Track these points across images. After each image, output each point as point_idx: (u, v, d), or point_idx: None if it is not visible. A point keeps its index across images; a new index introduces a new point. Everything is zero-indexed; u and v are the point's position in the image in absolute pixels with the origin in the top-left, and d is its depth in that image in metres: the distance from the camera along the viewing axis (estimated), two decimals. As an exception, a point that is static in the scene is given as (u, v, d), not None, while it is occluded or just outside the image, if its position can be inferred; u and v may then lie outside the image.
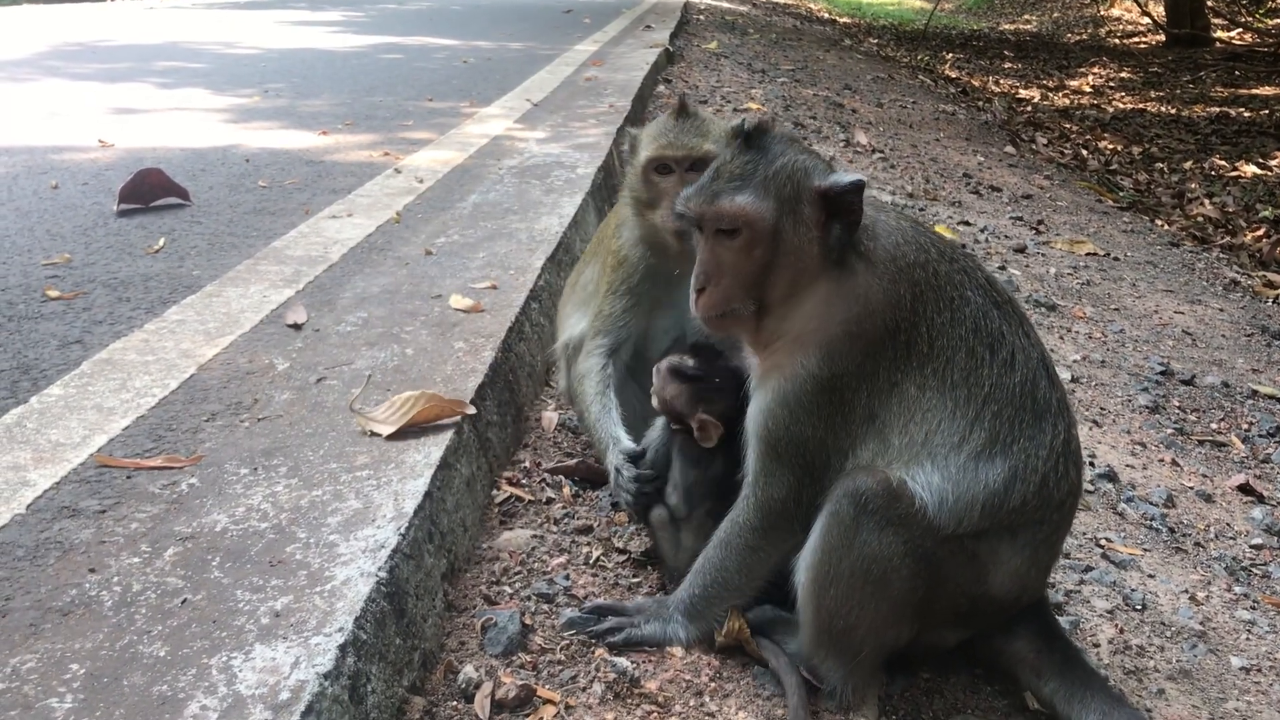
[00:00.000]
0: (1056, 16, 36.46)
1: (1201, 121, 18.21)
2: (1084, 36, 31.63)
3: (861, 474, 2.44)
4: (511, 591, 2.83)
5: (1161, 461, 4.81)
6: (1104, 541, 3.90)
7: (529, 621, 2.69)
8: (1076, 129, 16.86)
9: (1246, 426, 5.48)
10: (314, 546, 2.48)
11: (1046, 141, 14.95)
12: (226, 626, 2.19)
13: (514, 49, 13.54)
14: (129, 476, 2.79)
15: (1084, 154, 14.63)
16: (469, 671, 2.45)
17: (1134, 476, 4.56)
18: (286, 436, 3.03)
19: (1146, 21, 30.58)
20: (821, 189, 2.47)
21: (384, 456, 2.93)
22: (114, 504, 2.65)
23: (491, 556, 2.99)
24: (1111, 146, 15.64)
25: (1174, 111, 19.26)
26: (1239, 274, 9.03)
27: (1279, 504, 4.67)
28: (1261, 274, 9.15)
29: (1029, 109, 18.39)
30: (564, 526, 3.21)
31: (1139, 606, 3.48)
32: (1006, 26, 35.53)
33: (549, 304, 4.48)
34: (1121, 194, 12.10)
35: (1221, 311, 7.51)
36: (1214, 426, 5.41)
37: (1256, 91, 21.08)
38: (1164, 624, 3.44)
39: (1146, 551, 3.93)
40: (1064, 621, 3.02)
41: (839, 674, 2.56)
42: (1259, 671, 3.31)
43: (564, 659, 2.58)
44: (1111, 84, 22.48)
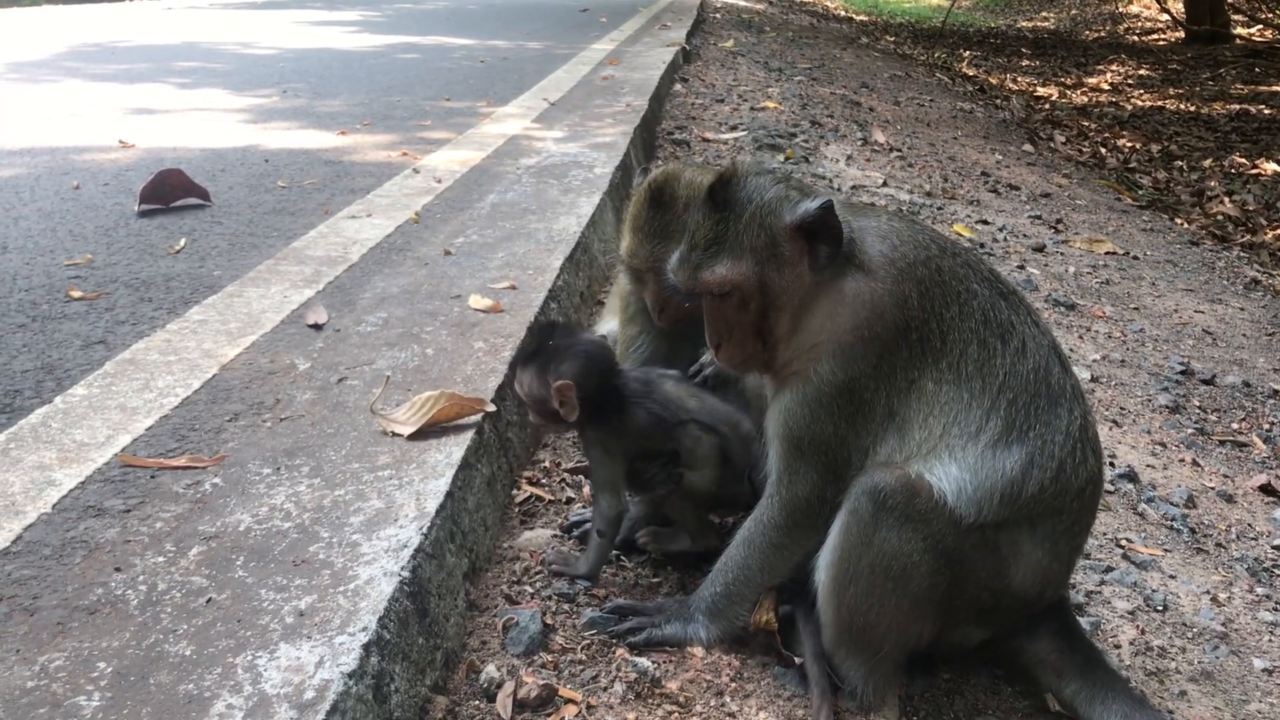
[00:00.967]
0: (1074, 13, 36.31)
1: (1221, 119, 18.11)
2: (1102, 33, 31.49)
3: (879, 471, 2.44)
4: (532, 591, 2.84)
5: (1182, 462, 4.79)
6: (1124, 542, 3.89)
7: (550, 621, 2.70)
8: (1095, 127, 16.79)
9: (1268, 426, 5.45)
10: (337, 546, 2.49)
11: (1065, 139, 14.89)
12: (251, 626, 2.21)
13: (530, 48, 13.57)
14: (153, 476, 2.81)
15: (1102, 152, 14.56)
16: (491, 671, 2.46)
17: (1154, 477, 4.54)
18: (309, 436, 3.05)
19: (1165, 18, 30.41)
20: (793, 224, 2.49)
21: (405, 456, 2.94)
22: (138, 503, 2.67)
23: (512, 556, 3.00)
24: (1130, 144, 15.56)
25: (1193, 109, 19.15)
26: (1260, 273, 8.97)
27: (1301, 504, 4.64)
28: (1283, 272, 9.10)
29: (1047, 107, 18.31)
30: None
31: (1160, 607, 3.47)
32: (1024, 24, 35.41)
33: (568, 304, 4.49)
34: (1141, 192, 12.04)
35: (1242, 311, 7.47)
36: (1235, 426, 5.39)
37: (1277, 89, 20.95)
38: (1185, 625, 3.43)
39: (1167, 552, 3.92)
40: (1085, 622, 3.02)
41: (859, 673, 2.56)
42: (1282, 673, 3.30)
43: (585, 659, 2.59)
44: (1130, 81, 22.37)
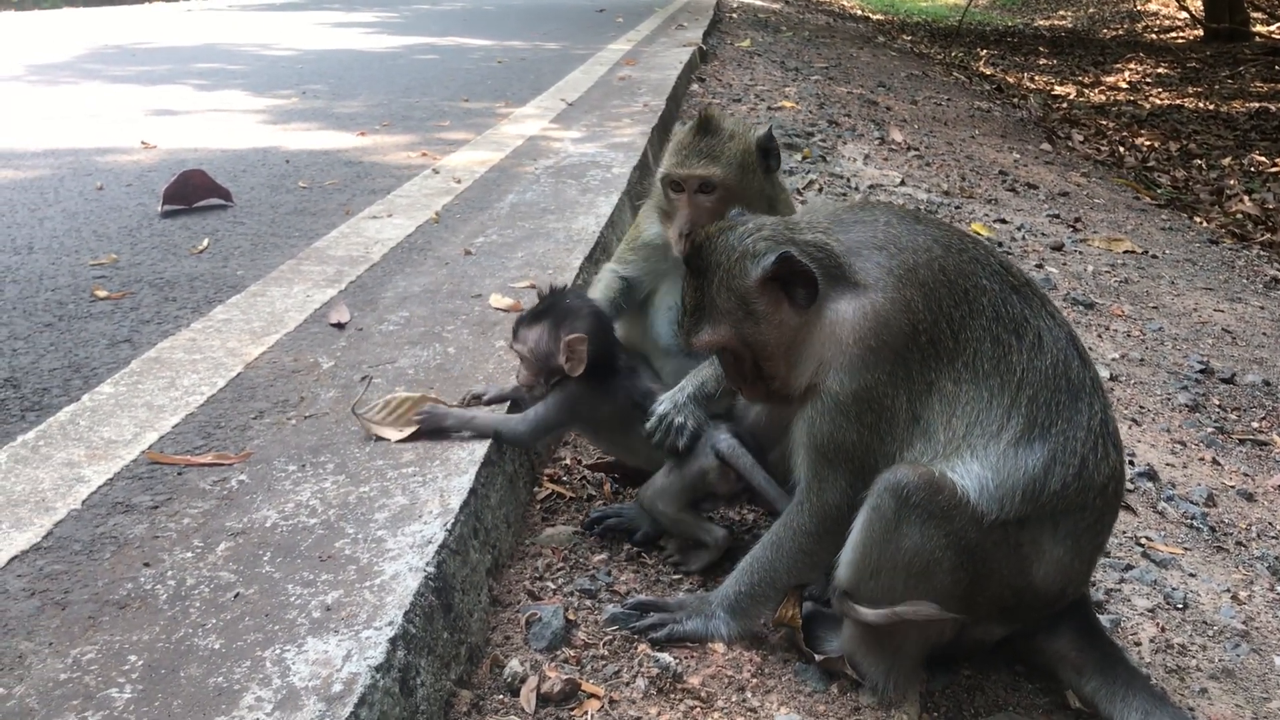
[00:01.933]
0: (1092, 12, 36.16)
1: (1241, 117, 18.02)
2: (1120, 32, 31.35)
3: (902, 468, 2.45)
4: (555, 587, 2.87)
5: (1202, 460, 4.78)
6: (1144, 540, 3.88)
7: (572, 616, 2.72)
8: (1113, 125, 16.73)
9: (1288, 425, 5.43)
10: (362, 542, 2.52)
11: (1083, 138, 14.84)
12: (279, 620, 2.23)
13: (547, 49, 13.60)
14: (180, 473, 2.85)
15: (1121, 151, 14.52)
16: (514, 665, 2.48)
17: (1174, 475, 4.53)
18: (333, 434, 3.08)
19: (1184, 16, 30.25)
20: (757, 281, 2.55)
21: (429, 453, 2.97)
22: (166, 500, 2.71)
23: (535, 552, 3.02)
24: (1149, 143, 15.50)
25: (1212, 107, 19.06)
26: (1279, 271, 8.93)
27: (1322, 503, 4.63)
28: (1303, 271, 9.05)
29: (1065, 105, 18.26)
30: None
31: (1180, 605, 3.47)
32: (1041, 22, 35.27)
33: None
34: (1159, 191, 12.00)
35: (1262, 309, 7.44)
36: (1255, 425, 5.37)
37: (1297, 86, 20.83)
38: (1206, 623, 3.42)
39: (1187, 550, 3.91)
40: (1105, 620, 3.02)
41: (880, 669, 2.58)
42: (1303, 671, 3.29)
43: (607, 654, 2.61)
44: (1148, 80, 22.27)
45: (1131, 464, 4.43)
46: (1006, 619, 2.62)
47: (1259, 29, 27.36)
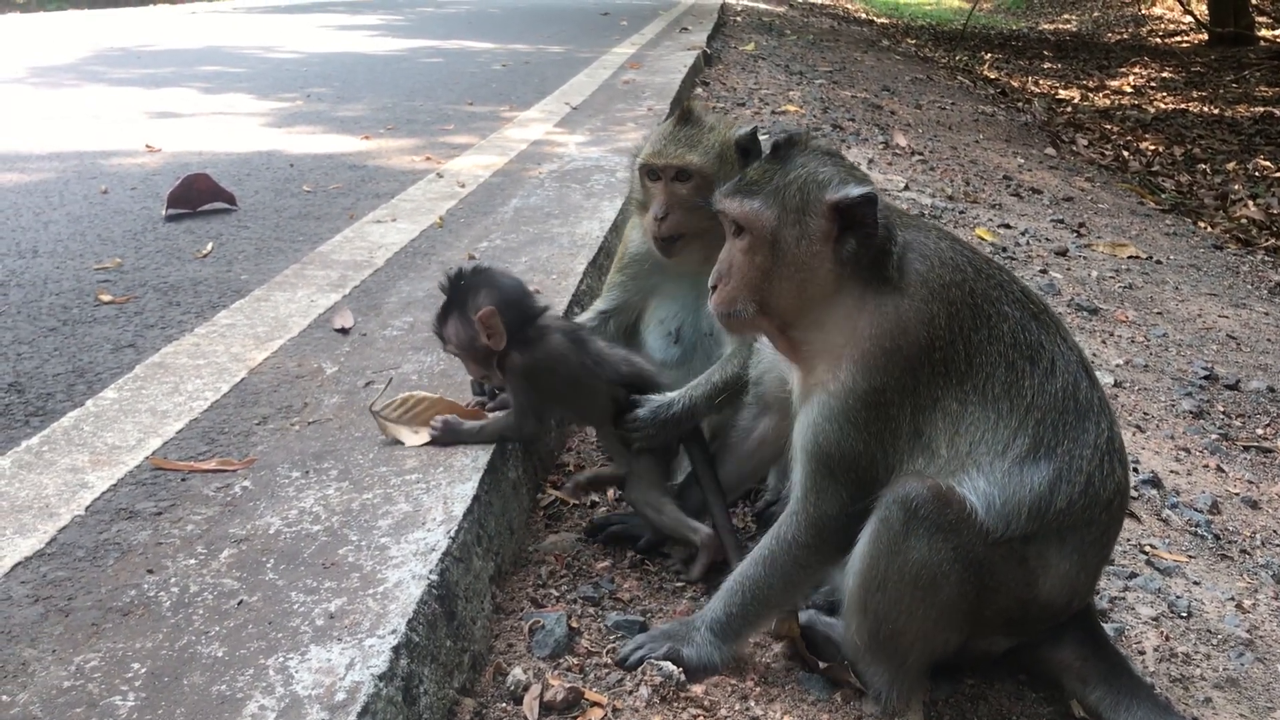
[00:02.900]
0: (1096, 16, 36.15)
1: (1245, 122, 18.00)
2: (1124, 36, 31.34)
3: (911, 480, 2.45)
4: (558, 594, 2.86)
5: (1206, 467, 4.77)
6: (1148, 548, 3.88)
7: (575, 624, 2.72)
8: (1117, 130, 16.71)
9: (1293, 432, 5.42)
10: (366, 549, 2.52)
11: (1087, 143, 14.83)
12: (282, 628, 2.23)
13: (551, 52, 13.61)
14: (184, 479, 2.85)
15: (1125, 155, 14.50)
16: (517, 673, 2.48)
17: (1178, 482, 4.53)
18: (336, 440, 3.08)
19: (1189, 20, 30.24)
20: (831, 201, 2.48)
21: (432, 460, 2.96)
22: (170, 506, 2.71)
23: (538, 560, 3.02)
24: (1153, 148, 15.48)
25: (1217, 112, 19.04)
26: (1284, 277, 8.91)
27: (1327, 511, 4.61)
28: (1307, 277, 9.03)
29: (1069, 110, 18.24)
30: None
31: (1184, 614, 3.46)
32: (1046, 26, 35.27)
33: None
34: (1164, 196, 11.98)
35: (1267, 315, 7.42)
36: (1260, 432, 5.36)
37: (1301, 91, 20.80)
38: (1210, 632, 3.41)
39: (1191, 558, 3.90)
40: (1109, 629, 3.02)
41: (884, 679, 2.57)
42: (1307, 681, 3.28)
43: (610, 662, 2.61)
44: (1153, 84, 22.25)
45: (1135, 471, 4.42)
46: (1012, 631, 2.62)
47: (1264, 33, 27.33)
